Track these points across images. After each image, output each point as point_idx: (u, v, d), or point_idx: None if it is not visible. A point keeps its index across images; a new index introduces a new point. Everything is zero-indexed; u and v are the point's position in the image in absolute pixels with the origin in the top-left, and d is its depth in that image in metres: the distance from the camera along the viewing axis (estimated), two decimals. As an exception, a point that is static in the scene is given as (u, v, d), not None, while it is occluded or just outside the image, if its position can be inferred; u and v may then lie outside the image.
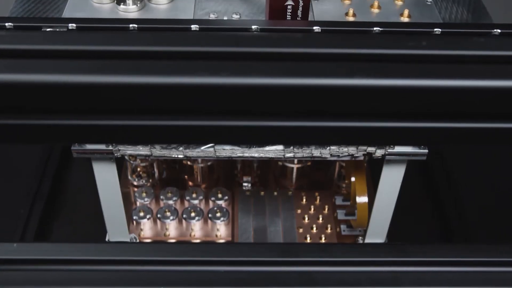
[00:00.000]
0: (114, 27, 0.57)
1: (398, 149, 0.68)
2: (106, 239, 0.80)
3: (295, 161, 0.87)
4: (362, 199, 0.77)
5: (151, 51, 0.45)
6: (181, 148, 0.69)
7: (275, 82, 0.42)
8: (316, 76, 0.42)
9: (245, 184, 0.90)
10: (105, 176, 0.72)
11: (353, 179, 0.79)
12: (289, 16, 0.61)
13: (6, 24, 0.57)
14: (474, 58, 0.46)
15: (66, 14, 0.64)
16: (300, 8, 0.60)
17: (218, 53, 0.44)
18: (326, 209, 0.88)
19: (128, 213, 0.81)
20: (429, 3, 0.68)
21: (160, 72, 0.43)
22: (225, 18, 0.65)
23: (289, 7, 0.60)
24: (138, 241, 0.82)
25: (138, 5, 0.64)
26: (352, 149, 0.70)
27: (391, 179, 0.73)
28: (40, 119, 0.46)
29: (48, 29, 0.57)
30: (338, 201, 0.89)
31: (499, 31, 0.57)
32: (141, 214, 0.84)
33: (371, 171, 0.85)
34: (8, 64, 0.46)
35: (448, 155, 1.01)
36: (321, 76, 0.42)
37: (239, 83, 0.42)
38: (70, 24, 0.57)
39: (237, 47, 0.44)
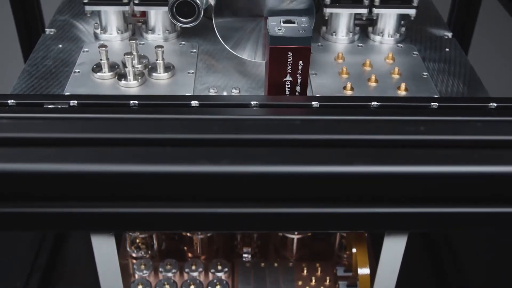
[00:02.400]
0: (115, 104, 0.58)
1: (399, 220, 0.68)
2: (104, 314, 0.78)
3: (296, 232, 0.86)
4: (363, 270, 0.76)
5: (151, 138, 0.45)
6: (180, 221, 0.68)
7: (274, 170, 0.43)
8: (316, 164, 0.42)
9: (245, 255, 0.89)
10: (104, 250, 0.71)
11: (354, 250, 0.78)
12: (287, 91, 0.61)
13: (9, 101, 0.57)
14: (473, 143, 0.46)
15: (68, 89, 0.65)
16: (299, 84, 0.61)
17: (218, 140, 0.44)
18: (328, 281, 0.87)
19: (127, 286, 0.80)
20: (425, 76, 0.69)
21: (160, 160, 0.43)
22: (225, 93, 0.66)
23: (287, 82, 0.61)
24: (136, 315, 0.80)
25: (139, 80, 0.65)
26: (352, 221, 0.69)
27: (393, 251, 0.72)
28: (36, 207, 0.45)
29: (50, 106, 0.58)
30: (340, 272, 0.87)
31: (495, 104, 0.58)
32: (140, 287, 0.82)
33: (372, 242, 0.84)
34: (7, 153, 0.46)
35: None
36: (321, 163, 0.42)
37: (239, 171, 0.42)
38: (71, 101, 0.58)
39: (237, 134, 0.45)
